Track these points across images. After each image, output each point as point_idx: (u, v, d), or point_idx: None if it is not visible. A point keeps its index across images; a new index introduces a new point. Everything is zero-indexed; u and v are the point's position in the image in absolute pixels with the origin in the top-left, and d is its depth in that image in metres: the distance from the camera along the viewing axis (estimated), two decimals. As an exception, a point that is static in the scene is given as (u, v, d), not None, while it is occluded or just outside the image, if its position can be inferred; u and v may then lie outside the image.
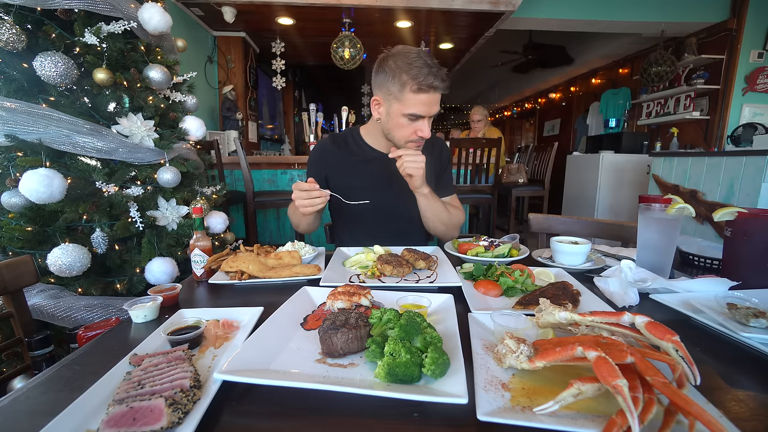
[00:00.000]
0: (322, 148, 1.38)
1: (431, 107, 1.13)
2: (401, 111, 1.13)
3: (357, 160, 1.33)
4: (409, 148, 1.20)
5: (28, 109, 1.26)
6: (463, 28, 4.17)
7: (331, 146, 1.36)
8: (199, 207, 1.02)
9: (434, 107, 1.14)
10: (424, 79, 1.07)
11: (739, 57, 3.91)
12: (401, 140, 1.20)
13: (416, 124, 1.15)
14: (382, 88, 1.15)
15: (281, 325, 0.65)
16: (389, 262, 0.96)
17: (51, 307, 1.24)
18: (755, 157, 2.42)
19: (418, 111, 1.12)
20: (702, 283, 0.81)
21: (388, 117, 1.19)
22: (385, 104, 1.18)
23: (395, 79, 1.10)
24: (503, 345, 0.54)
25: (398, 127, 1.17)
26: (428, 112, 1.13)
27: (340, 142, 1.37)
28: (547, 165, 4.08)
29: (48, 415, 0.44)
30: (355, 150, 1.35)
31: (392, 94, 1.13)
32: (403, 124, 1.16)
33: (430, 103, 1.12)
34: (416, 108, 1.11)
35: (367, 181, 1.31)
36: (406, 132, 1.17)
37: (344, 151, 1.35)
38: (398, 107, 1.14)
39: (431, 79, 1.08)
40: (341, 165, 1.34)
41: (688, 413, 0.39)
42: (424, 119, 1.15)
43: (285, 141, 5.86)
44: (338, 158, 1.34)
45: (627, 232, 1.40)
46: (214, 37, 4.33)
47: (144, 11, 1.52)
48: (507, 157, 5.53)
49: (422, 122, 1.15)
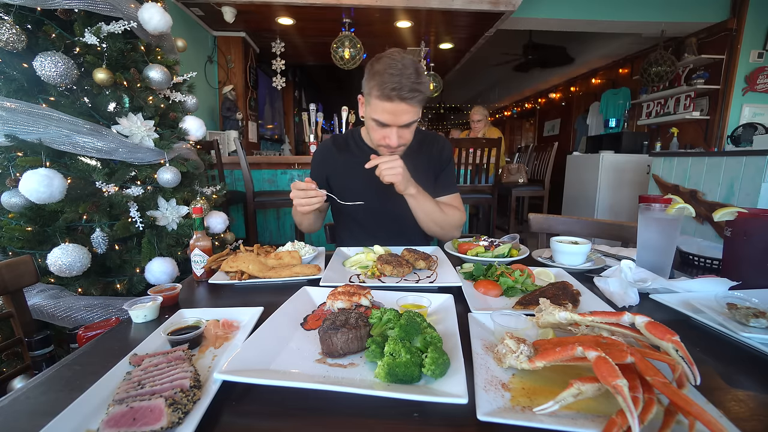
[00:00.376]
0: (324, 150, 1.39)
1: (397, 117, 1.10)
2: (370, 114, 1.14)
3: (357, 161, 1.33)
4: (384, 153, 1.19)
5: (28, 109, 1.26)
6: (463, 28, 4.17)
7: (332, 147, 1.37)
8: (199, 207, 1.02)
9: (401, 117, 1.10)
10: (388, 88, 1.04)
11: (739, 57, 3.91)
12: (374, 143, 1.21)
13: (383, 130, 1.14)
14: (365, 89, 1.16)
15: (281, 325, 0.65)
16: (389, 262, 0.96)
17: (51, 307, 1.24)
18: (755, 157, 2.42)
19: (380, 118, 1.11)
20: (702, 283, 0.80)
21: (366, 117, 1.21)
22: (365, 104, 1.19)
23: (369, 82, 1.10)
24: (503, 345, 0.54)
25: (370, 129, 1.19)
26: (393, 121, 1.10)
27: (341, 143, 1.38)
28: (547, 165, 4.08)
29: (48, 415, 0.44)
30: (355, 151, 1.36)
31: (366, 97, 1.15)
32: (373, 127, 1.16)
33: (394, 112, 1.08)
34: (379, 115, 1.10)
35: (366, 181, 1.30)
36: (375, 136, 1.17)
37: (344, 152, 1.36)
38: (368, 110, 1.15)
39: (396, 89, 1.04)
40: (341, 166, 1.35)
41: (688, 413, 0.39)
42: (391, 128, 1.12)
43: (285, 141, 5.86)
44: (338, 159, 1.35)
45: (627, 232, 1.40)
46: (214, 37, 4.33)
47: (144, 11, 1.52)
48: (507, 157, 5.53)
49: (389, 130, 1.13)
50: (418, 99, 1.09)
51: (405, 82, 1.05)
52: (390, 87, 1.04)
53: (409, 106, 1.09)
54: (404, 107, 1.08)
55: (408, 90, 1.05)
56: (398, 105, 1.07)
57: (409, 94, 1.06)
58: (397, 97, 1.06)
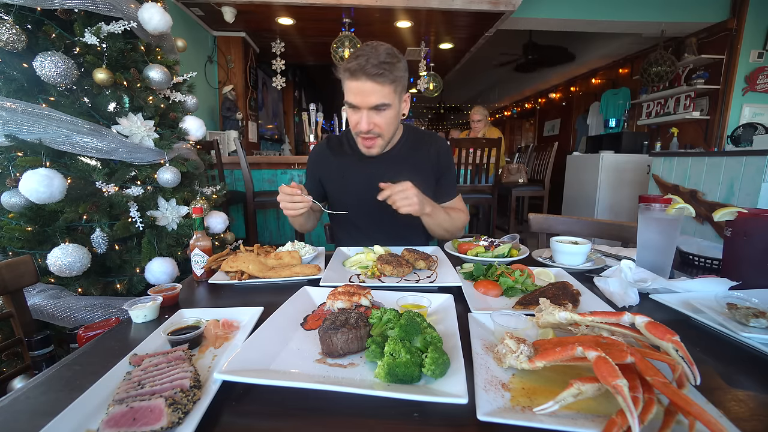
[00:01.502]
0: (318, 151, 1.39)
1: (364, 96, 1.08)
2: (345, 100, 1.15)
3: (350, 162, 1.33)
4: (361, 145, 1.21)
5: (28, 109, 1.26)
6: (463, 28, 4.17)
7: (326, 149, 1.37)
8: (199, 207, 1.02)
9: (369, 97, 1.08)
10: (353, 66, 1.05)
11: (739, 57, 3.91)
12: (352, 131, 1.22)
13: (356, 115, 1.14)
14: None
15: (281, 325, 0.65)
16: (389, 262, 0.96)
17: (51, 307, 1.24)
18: (755, 157, 2.42)
19: (349, 99, 1.12)
20: (702, 283, 0.80)
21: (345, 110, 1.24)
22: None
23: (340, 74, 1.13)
24: (503, 345, 0.54)
25: (348, 118, 1.20)
26: (360, 102, 1.10)
27: (335, 145, 1.37)
28: (547, 165, 4.08)
29: (48, 415, 0.44)
30: (349, 152, 1.35)
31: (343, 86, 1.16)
32: (348, 114, 1.17)
33: (360, 91, 1.08)
34: (348, 96, 1.11)
35: (360, 183, 1.30)
36: (351, 122, 1.17)
37: (338, 154, 1.35)
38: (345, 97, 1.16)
39: (361, 66, 1.04)
40: (336, 168, 1.34)
41: (688, 413, 0.39)
42: (361, 111, 1.12)
43: (285, 141, 5.87)
44: (333, 161, 1.35)
45: (627, 232, 1.40)
46: (214, 37, 4.33)
47: (144, 11, 1.52)
48: (507, 157, 5.53)
49: (360, 114, 1.13)
50: (385, 77, 1.06)
51: (372, 61, 1.04)
52: (355, 64, 1.05)
53: (376, 84, 1.06)
54: (370, 86, 1.07)
55: (373, 66, 1.04)
56: (364, 83, 1.06)
57: (373, 69, 1.04)
58: (362, 73, 1.05)
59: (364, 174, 1.30)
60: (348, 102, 1.13)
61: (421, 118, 13.21)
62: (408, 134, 1.36)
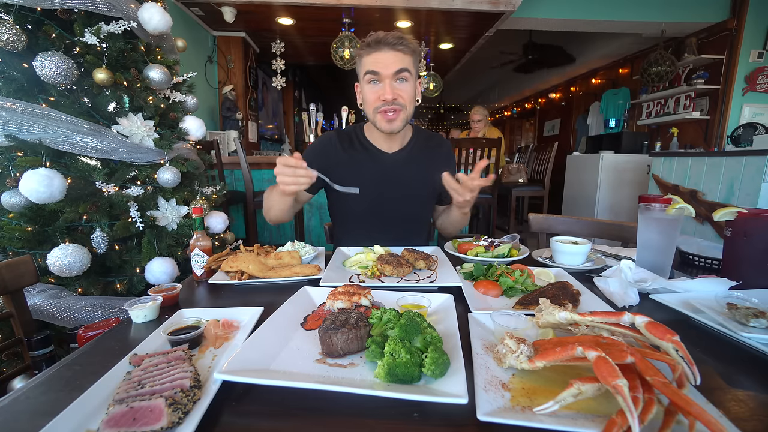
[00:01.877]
0: (327, 142, 1.34)
1: (387, 64, 1.13)
2: (362, 78, 1.18)
3: (361, 158, 1.32)
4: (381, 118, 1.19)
5: (28, 109, 1.26)
6: (463, 28, 4.17)
7: (337, 141, 1.33)
8: (199, 207, 1.02)
9: (390, 65, 1.13)
10: (373, 41, 1.12)
11: (739, 57, 3.91)
12: (370, 112, 1.21)
13: (377, 88, 1.16)
14: (357, 69, 1.22)
15: (281, 325, 0.65)
16: (389, 262, 0.96)
17: (51, 307, 1.24)
18: (755, 157, 2.42)
19: (370, 67, 1.14)
20: (702, 283, 0.80)
21: (361, 94, 1.23)
22: (359, 84, 1.23)
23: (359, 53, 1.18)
24: (503, 345, 0.54)
25: (365, 97, 1.20)
26: (383, 68, 1.13)
27: (344, 139, 1.35)
28: (547, 165, 4.08)
29: (48, 415, 0.44)
30: (358, 147, 1.33)
31: (358, 70, 1.21)
32: (366, 91, 1.19)
33: (382, 59, 1.13)
34: (369, 65, 1.15)
35: (367, 179, 1.29)
36: (370, 98, 1.18)
37: (348, 148, 1.33)
38: (361, 77, 1.19)
39: (381, 38, 1.11)
40: (345, 162, 1.31)
41: (688, 413, 0.39)
42: (383, 81, 1.15)
43: (285, 141, 5.87)
44: (342, 154, 1.32)
45: (627, 232, 1.40)
46: (214, 37, 4.33)
47: (144, 11, 1.52)
48: (507, 157, 5.53)
49: (383, 85, 1.15)
50: (406, 46, 1.13)
51: (390, 35, 1.12)
52: (375, 39, 1.12)
53: (397, 52, 1.13)
54: (392, 54, 1.13)
55: (393, 38, 1.11)
56: (386, 52, 1.13)
57: (394, 40, 1.12)
58: (384, 44, 1.12)
59: (377, 170, 1.29)
60: (369, 71, 1.15)
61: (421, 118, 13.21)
62: (417, 134, 1.38)
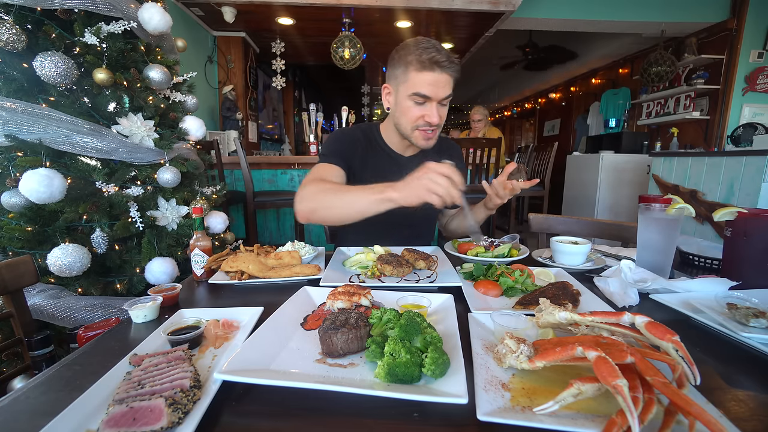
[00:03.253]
0: (353, 138, 1.28)
1: (438, 88, 1.08)
2: (406, 92, 1.10)
3: (382, 161, 1.29)
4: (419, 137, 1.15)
5: (28, 109, 1.26)
6: (463, 28, 4.17)
7: (361, 138, 1.29)
8: (199, 207, 1.02)
9: (441, 89, 1.09)
10: (427, 55, 1.04)
11: (739, 57, 3.91)
12: (408, 126, 1.16)
13: (423, 108, 1.11)
14: (392, 75, 1.15)
15: (281, 325, 0.65)
16: (389, 262, 0.96)
17: (51, 307, 1.24)
18: (755, 157, 2.42)
19: (422, 90, 1.08)
20: (702, 283, 0.80)
21: (396, 104, 1.17)
22: (393, 90, 1.16)
23: (401, 62, 1.10)
24: (503, 345, 0.54)
25: (404, 111, 1.14)
26: (434, 93, 1.08)
27: (366, 137, 1.30)
28: (547, 165, 4.08)
29: (48, 415, 0.44)
30: (377, 149, 1.30)
31: (398, 78, 1.12)
32: (409, 107, 1.12)
33: (435, 83, 1.07)
34: (420, 87, 1.07)
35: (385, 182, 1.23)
36: (412, 115, 1.13)
37: (368, 148, 1.29)
38: (404, 89, 1.11)
39: (434, 55, 1.04)
40: (364, 161, 1.27)
41: (688, 413, 0.39)
42: (431, 103, 1.10)
43: (285, 141, 5.87)
44: (363, 153, 1.28)
45: (627, 232, 1.40)
46: (214, 37, 4.33)
47: (144, 11, 1.52)
48: (507, 157, 5.53)
49: (429, 106, 1.11)
50: (455, 70, 1.09)
51: (442, 53, 1.05)
52: (428, 56, 1.04)
53: (449, 77, 1.09)
54: (444, 78, 1.08)
55: (446, 59, 1.05)
56: (439, 75, 1.07)
57: (447, 63, 1.06)
58: (438, 66, 1.05)
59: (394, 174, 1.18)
60: (418, 93, 1.08)
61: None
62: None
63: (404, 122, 1.17)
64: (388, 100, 1.21)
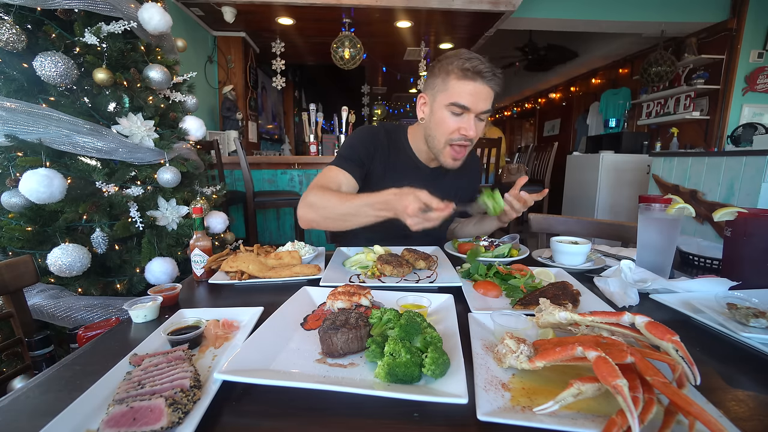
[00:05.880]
0: (375, 135, 1.24)
1: (478, 99, 1.03)
2: (444, 102, 1.06)
3: (401, 165, 1.24)
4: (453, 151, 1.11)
5: (28, 109, 1.26)
6: (463, 28, 4.17)
7: (384, 138, 1.24)
8: (199, 207, 1.02)
9: (482, 102, 1.04)
10: (470, 64, 1.00)
11: (739, 57, 3.91)
12: (441, 139, 1.11)
13: (460, 119, 1.06)
14: (430, 85, 1.11)
15: (281, 325, 0.65)
16: (389, 262, 0.96)
17: (51, 307, 1.24)
18: (755, 157, 2.42)
19: (461, 100, 1.03)
20: (702, 283, 0.80)
21: (431, 114, 1.12)
22: (430, 100, 1.12)
23: (441, 71, 1.06)
24: (503, 345, 0.54)
25: (439, 122, 1.09)
26: (474, 104, 1.03)
27: (390, 138, 1.25)
28: (547, 165, 4.08)
29: (48, 415, 0.44)
30: (401, 153, 1.25)
31: (437, 87, 1.08)
32: (444, 118, 1.08)
33: (476, 93, 1.03)
34: (460, 96, 1.03)
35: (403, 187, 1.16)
36: (447, 127, 1.08)
37: (392, 150, 1.24)
38: (441, 98, 1.07)
39: (477, 64, 1.00)
40: (385, 162, 1.22)
41: (688, 413, 0.39)
42: (469, 114, 1.05)
43: (285, 141, 5.87)
44: (385, 154, 1.23)
45: (627, 232, 1.40)
46: (214, 37, 4.33)
47: (144, 11, 1.52)
48: (507, 157, 5.53)
49: (467, 118, 1.06)
50: (497, 83, 1.05)
51: (486, 64, 1.02)
52: (471, 65, 1.01)
53: (490, 90, 1.05)
54: (486, 90, 1.04)
55: (490, 70, 1.02)
56: (481, 86, 1.03)
57: (491, 75, 1.02)
58: (480, 77, 1.01)
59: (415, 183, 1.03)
60: (457, 102, 1.04)
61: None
62: None
63: (438, 134, 1.12)
64: (423, 110, 1.15)
